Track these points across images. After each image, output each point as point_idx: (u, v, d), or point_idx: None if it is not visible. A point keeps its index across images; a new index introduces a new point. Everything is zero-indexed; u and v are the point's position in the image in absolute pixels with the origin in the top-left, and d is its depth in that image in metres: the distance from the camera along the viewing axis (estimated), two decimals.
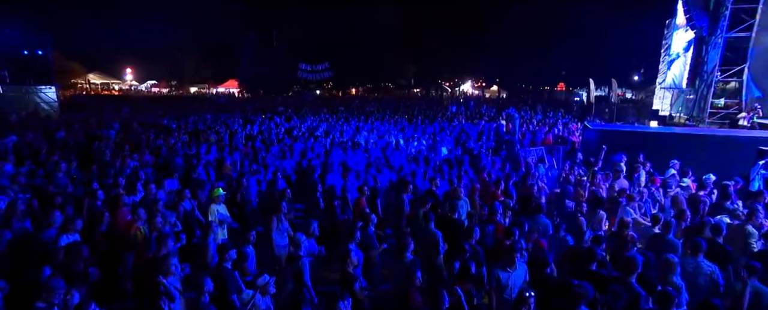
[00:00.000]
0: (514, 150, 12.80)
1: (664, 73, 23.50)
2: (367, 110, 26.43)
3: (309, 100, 41.54)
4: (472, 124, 19.78)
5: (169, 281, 3.93)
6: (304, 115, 22.14)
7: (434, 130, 16.08)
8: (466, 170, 9.12)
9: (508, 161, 10.74)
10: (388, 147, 12.18)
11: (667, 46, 23.24)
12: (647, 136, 11.46)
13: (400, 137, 14.34)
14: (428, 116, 22.31)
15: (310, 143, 12.47)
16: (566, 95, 54.24)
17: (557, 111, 27.64)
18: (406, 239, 4.98)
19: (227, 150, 11.14)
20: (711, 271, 4.66)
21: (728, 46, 16.21)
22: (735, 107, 16.35)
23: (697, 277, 4.72)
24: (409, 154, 11.56)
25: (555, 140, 15.53)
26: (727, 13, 15.90)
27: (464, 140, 14.16)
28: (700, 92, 17.94)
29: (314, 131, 15.54)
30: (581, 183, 7.95)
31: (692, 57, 19.08)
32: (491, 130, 17.05)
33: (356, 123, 18.35)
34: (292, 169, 9.83)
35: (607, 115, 28.16)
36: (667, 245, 5.31)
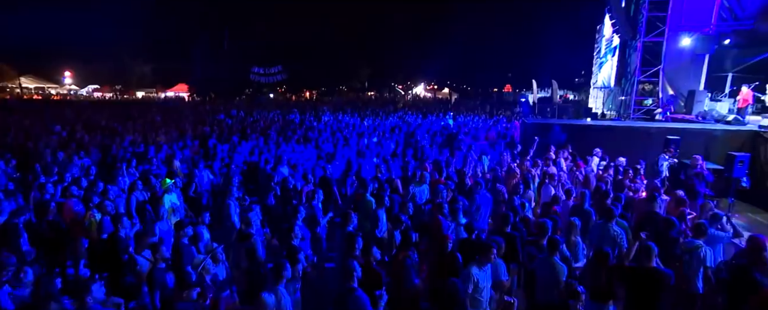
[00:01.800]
0: (456, 143, 13.68)
1: (596, 74, 25.46)
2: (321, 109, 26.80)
3: (262, 103, 41.21)
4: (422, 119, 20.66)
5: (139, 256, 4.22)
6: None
7: (385, 128, 16.73)
8: (408, 161, 9.74)
9: (451, 153, 11.52)
10: (339, 142, 12.64)
11: (598, 50, 25.21)
12: (576, 129, 12.61)
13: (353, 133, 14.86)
14: (379, 115, 22.98)
15: (262, 140, 12.72)
16: (513, 96, 56.85)
17: (503, 111, 29.12)
18: (350, 216, 5.46)
19: (179, 146, 11.20)
20: (615, 233, 5.50)
21: (646, 49, 17.94)
22: (652, 104, 18.10)
23: (604, 238, 5.55)
24: (359, 149, 12.06)
25: (499, 136, 16.61)
26: (644, 20, 17.62)
27: (413, 132, 14.90)
28: (626, 91, 19.67)
29: (267, 130, 15.75)
30: (511, 169, 8.80)
31: (618, 59, 20.90)
32: (438, 126, 17.94)
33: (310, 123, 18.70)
34: (244, 163, 10.08)
35: (549, 114, 29.93)
36: (581, 213, 6.13)
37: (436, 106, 38.60)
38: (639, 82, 18.31)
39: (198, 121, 18.59)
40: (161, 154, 10.71)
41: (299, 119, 19.88)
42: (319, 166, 9.02)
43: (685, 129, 11.56)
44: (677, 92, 17.53)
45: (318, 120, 20.23)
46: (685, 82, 17.51)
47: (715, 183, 9.20)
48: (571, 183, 8.16)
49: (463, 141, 14.20)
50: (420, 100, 52.77)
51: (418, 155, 11.23)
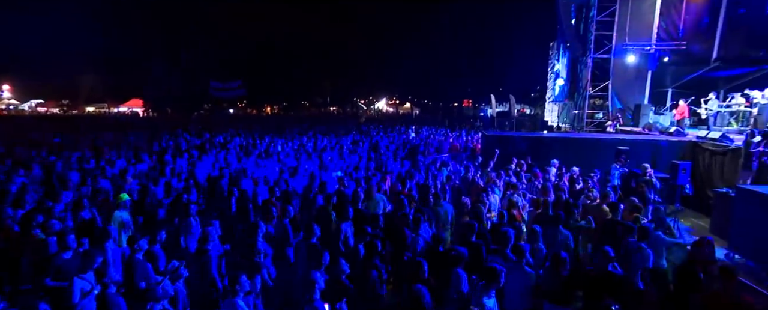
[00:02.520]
0: (417, 156, 13.84)
1: (551, 89, 26.56)
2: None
3: (222, 118, 40.23)
4: (384, 135, 20.76)
5: (81, 278, 3.92)
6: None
7: (347, 142, 16.70)
8: (374, 174, 9.72)
9: (413, 165, 11.61)
10: (302, 157, 12.47)
11: (552, 66, 26.37)
12: (534, 141, 13.04)
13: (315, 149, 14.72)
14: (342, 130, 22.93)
15: (222, 155, 12.37)
16: (473, 111, 58.42)
17: (464, 124, 29.78)
18: (312, 228, 5.35)
19: (133, 161, 10.70)
20: (565, 236, 5.69)
21: (595, 65, 18.97)
22: (603, 117, 19.07)
23: (555, 243, 5.72)
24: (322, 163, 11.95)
25: (460, 148, 16.93)
26: (592, 38, 18.68)
27: (376, 149, 14.94)
28: (578, 105, 20.62)
29: (226, 144, 15.33)
30: (476, 180, 8.95)
31: (569, 75, 21.93)
32: (400, 140, 18.09)
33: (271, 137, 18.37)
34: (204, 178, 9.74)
35: (507, 127, 30.90)
36: (545, 220, 6.29)
37: (399, 120, 39.02)
38: (590, 96, 19.26)
39: (154, 137, 17.85)
40: (114, 169, 10.19)
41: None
42: (282, 179, 8.84)
43: (633, 140, 12.19)
44: (625, 106, 18.55)
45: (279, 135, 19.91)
46: (631, 97, 18.59)
47: (661, 190, 9.76)
48: (530, 193, 8.39)
49: (425, 153, 14.38)
50: (382, 114, 53.14)
51: (382, 167, 11.24)
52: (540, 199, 7.17)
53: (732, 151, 10.24)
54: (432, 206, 6.76)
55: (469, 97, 61.42)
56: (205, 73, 54.91)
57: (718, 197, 9.28)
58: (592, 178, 8.79)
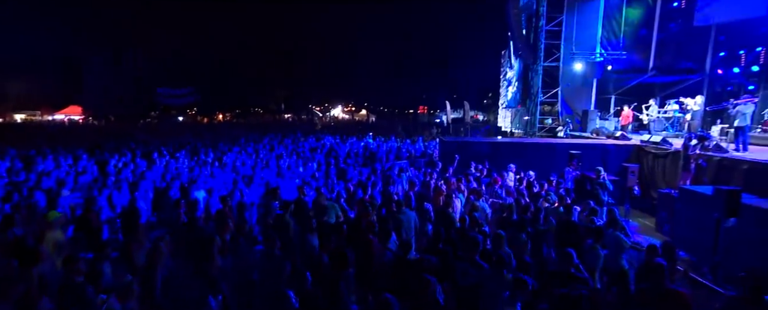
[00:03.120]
0: (375, 163, 13.77)
1: (504, 95, 27.39)
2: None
3: (171, 126, 38.45)
4: (341, 142, 20.53)
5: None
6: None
7: (304, 150, 16.35)
8: (334, 182, 9.51)
9: (373, 172, 11.50)
10: (257, 165, 12.04)
11: (504, 73, 27.21)
12: (491, 146, 13.31)
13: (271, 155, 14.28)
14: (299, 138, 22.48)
15: (172, 164, 11.71)
16: (428, 117, 59.31)
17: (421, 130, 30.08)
18: (273, 240, 5.09)
19: (73, 175, 9.87)
20: (525, 241, 5.77)
21: (545, 73, 19.75)
22: (554, 123, 19.85)
23: (520, 248, 5.78)
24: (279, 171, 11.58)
25: (418, 154, 17.01)
26: (542, 47, 19.46)
27: (334, 155, 14.73)
28: (530, 111, 21.34)
29: (176, 153, 14.56)
30: (439, 187, 8.96)
31: (521, 82, 22.71)
32: (359, 147, 17.95)
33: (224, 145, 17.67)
34: (151, 188, 9.14)
35: (462, 133, 31.57)
36: (509, 224, 6.33)
37: (356, 127, 38.88)
38: (541, 102, 20.01)
39: (95, 145, 16.68)
40: (50, 181, 9.34)
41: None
42: (237, 189, 8.44)
43: (585, 145, 12.70)
44: (574, 112, 19.40)
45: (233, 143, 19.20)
46: (579, 103, 19.49)
47: (613, 192, 10.22)
48: (490, 197, 8.50)
49: (384, 160, 14.31)
50: (338, 121, 52.81)
51: (344, 175, 11.04)
52: (502, 203, 7.25)
53: (672, 154, 10.89)
54: (395, 213, 6.65)
55: (425, 104, 62.41)
56: (152, 79, 52.40)
57: (661, 197, 9.82)
58: (551, 182, 9.04)
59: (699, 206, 7.71)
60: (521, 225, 5.79)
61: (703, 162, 9.14)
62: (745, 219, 6.74)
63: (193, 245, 5.87)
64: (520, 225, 5.83)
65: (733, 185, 8.56)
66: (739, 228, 6.79)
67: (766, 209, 6.59)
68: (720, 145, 9.62)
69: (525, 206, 6.91)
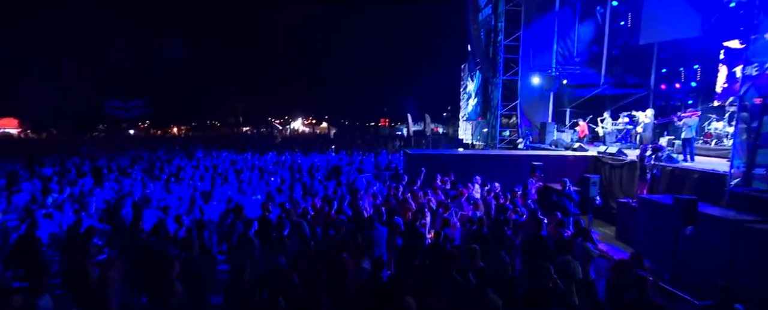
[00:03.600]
0: (340, 176, 13.53)
1: (464, 108, 27.89)
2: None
3: (121, 140, 36.44)
4: (303, 156, 20.12)
5: None
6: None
7: (266, 164, 15.85)
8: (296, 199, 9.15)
9: (339, 185, 11.24)
10: (216, 180, 11.49)
11: (465, 86, 27.76)
12: (455, 158, 13.39)
13: (230, 171, 13.70)
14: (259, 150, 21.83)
15: (124, 181, 10.95)
16: (389, 130, 59.58)
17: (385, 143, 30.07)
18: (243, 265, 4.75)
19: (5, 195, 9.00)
20: (502, 255, 5.71)
21: (505, 87, 20.30)
22: (514, 135, 20.36)
23: (496, 261, 5.71)
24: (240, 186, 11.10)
25: (381, 167, 16.90)
26: (501, 61, 20.03)
27: (297, 170, 14.36)
28: (490, 123, 21.83)
29: (126, 169, 13.69)
30: (407, 200, 8.84)
31: (482, 95, 23.23)
32: (322, 161, 17.62)
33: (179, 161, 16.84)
34: (102, 207, 8.46)
35: (424, 145, 31.79)
36: (481, 238, 6.26)
37: (317, 140, 38.39)
38: (501, 115, 20.50)
39: (33, 161, 15.41)
40: None
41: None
42: (196, 207, 7.96)
43: (546, 156, 13.02)
44: (532, 124, 19.98)
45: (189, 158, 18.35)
46: (537, 116, 20.10)
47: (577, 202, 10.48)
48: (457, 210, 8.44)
49: (349, 173, 14.08)
50: (298, 134, 52.06)
51: (308, 189, 10.71)
52: (471, 216, 7.20)
53: (628, 165, 11.33)
54: (366, 230, 6.44)
55: (386, 117, 62.69)
56: (99, 89, 49.54)
57: (620, 207, 10.16)
58: (516, 193, 9.13)
59: (658, 215, 8.01)
60: (495, 239, 5.72)
61: (658, 172, 9.54)
62: (700, 227, 7.04)
63: (149, 271, 5.42)
64: (494, 239, 5.76)
65: (685, 194, 8.99)
66: (695, 236, 7.07)
67: (718, 217, 6.89)
68: (671, 155, 10.10)
69: (495, 219, 6.88)
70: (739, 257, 6.32)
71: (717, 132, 13.07)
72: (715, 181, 8.62)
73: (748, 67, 7.18)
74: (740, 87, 7.25)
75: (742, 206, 7.12)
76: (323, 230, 6.67)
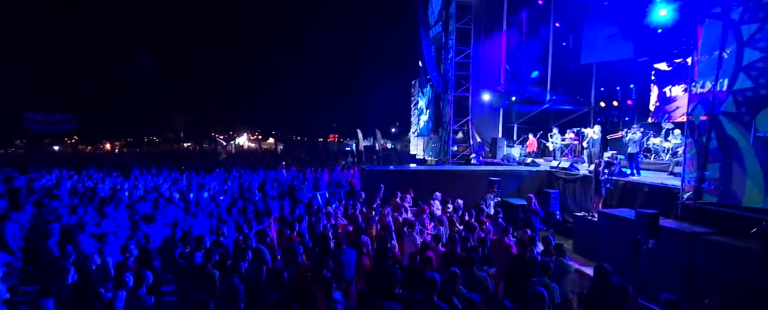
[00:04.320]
0: (295, 194, 12.92)
1: (415, 124, 28.08)
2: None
3: (43, 157, 33.11)
4: (252, 172, 19.18)
5: None
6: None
7: (214, 182, 14.86)
8: (249, 220, 8.48)
9: (295, 204, 10.66)
10: (159, 201, 10.50)
11: (416, 102, 28.00)
12: (414, 174, 13.23)
13: (173, 190, 12.66)
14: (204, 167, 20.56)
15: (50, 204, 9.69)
16: (338, 146, 58.99)
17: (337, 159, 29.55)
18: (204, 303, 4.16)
19: None
20: (481, 277, 5.48)
21: (456, 103, 20.63)
22: (466, 150, 20.65)
23: (473, 284, 5.47)
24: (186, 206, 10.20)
25: (335, 184, 16.42)
26: (452, 78, 20.37)
27: (247, 189, 13.57)
28: (443, 139, 22.04)
29: (53, 190, 12.24)
30: (371, 218, 8.46)
31: (433, 111, 23.48)
32: (272, 178, 16.84)
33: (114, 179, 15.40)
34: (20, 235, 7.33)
35: (375, 161, 31.61)
36: (457, 259, 5.99)
37: (265, 155, 37.10)
38: (453, 130, 20.75)
39: None
40: None
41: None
42: (140, 231, 7.10)
43: (502, 171, 13.17)
44: (483, 139, 20.39)
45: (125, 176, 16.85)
46: (488, 131, 20.55)
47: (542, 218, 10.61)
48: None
49: (303, 191, 13.49)
50: (244, 150, 50.13)
51: (261, 209, 10.02)
52: (441, 235, 6.95)
53: (581, 179, 11.70)
54: (333, 253, 5.98)
55: (336, 132, 62.10)
56: (18, 101, 45.00)
57: (577, 221, 10.39)
58: (481, 210, 9.02)
59: (618, 228, 8.20)
60: (469, 261, 5.45)
61: (611, 186, 9.86)
62: (659, 239, 7.25)
63: None
64: (468, 261, 5.49)
65: (637, 207, 9.34)
66: (655, 248, 7.28)
67: (676, 229, 7.12)
68: (622, 170, 10.51)
69: (465, 238, 6.67)
70: (698, 269, 6.52)
71: (655, 147, 13.89)
72: (665, 194, 9.03)
73: (694, 85, 7.59)
74: (688, 105, 7.63)
75: (694, 219, 7.42)
76: (285, 255, 6.12)
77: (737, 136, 6.71)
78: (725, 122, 6.91)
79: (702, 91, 7.41)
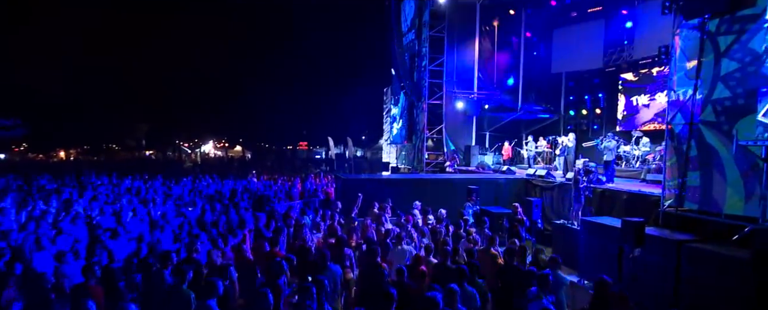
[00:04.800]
0: (269, 205, 12.39)
1: (388, 131, 27.90)
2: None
3: None
4: (221, 181, 18.43)
5: None
6: None
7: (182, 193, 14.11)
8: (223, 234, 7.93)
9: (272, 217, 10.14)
10: (123, 214, 9.78)
11: (388, 110, 27.85)
12: (392, 183, 12.97)
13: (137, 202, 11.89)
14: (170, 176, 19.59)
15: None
16: (307, 154, 58.12)
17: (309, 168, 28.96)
18: None
19: None
20: (471, 292, 5.25)
21: (430, 111, 20.59)
22: (440, 158, 20.61)
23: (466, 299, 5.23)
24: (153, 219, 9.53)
25: (309, 193, 15.92)
26: (426, 85, 20.35)
27: (217, 199, 12.93)
28: (416, 147, 21.93)
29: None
30: (352, 229, 8.12)
31: (406, 118, 23.37)
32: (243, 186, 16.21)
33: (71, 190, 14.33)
34: None
35: (347, 169, 31.19)
36: (451, 273, 5.72)
37: (232, 164, 35.99)
38: (427, 138, 20.69)
39: None
40: None
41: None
42: (101, 248, 6.48)
43: (479, 179, 13.12)
44: (457, 147, 20.41)
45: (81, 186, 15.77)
46: (461, 139, 20.60)
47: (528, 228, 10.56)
48: None
49: (280, 202, 12.99)
50: (210, 158, 48.56)
51: (234, 221, 9.49)
52: (430, 248, 6.67)
53: (558, 187, 11.77)
54: (321, 271, 5.60)
55: (305, 140, 61.10)
56: None
57: (556, 229, 10.39)
58: (466, 220, 8.83)
59: (601, 237, 8.20)
60: (461, 276, 5.18)
61: (590, 193, 9.92)
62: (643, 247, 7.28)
63: None
64: (460, 276, 5.21)
65: (616, 214, 9.43)
66: (640, 256, 7.30)
67: (661, 237, 7.15)
68: (599, 177, 10.63)
69: (455, 250, 6.43)
70: (685, 277, 6.54)
71: (625, 155, 14.22)
72: (643, 202, 9.15)
73: (672, 93, 7.71)
74: (668, 112, 7.74)
75: (675, 226, 7.49)
76: (267, 273, 5.69)
77: (717, 144, 6.82)
78: (705, 131, 7.02)
79: (681, 99, 7.52)
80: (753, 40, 6.36)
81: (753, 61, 6.36)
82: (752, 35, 6.37)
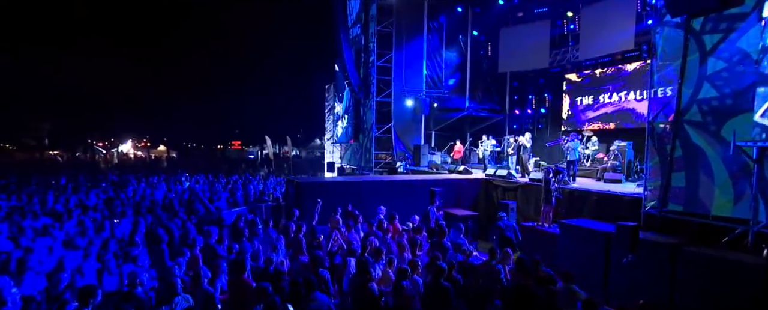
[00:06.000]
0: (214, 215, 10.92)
1: (331, 130, 26.72)
2: None
3: None
4: (146, 185, 16.28)
5: None
6: None
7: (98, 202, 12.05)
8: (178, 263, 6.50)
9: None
10: (26, 232, 7.89)
11: (331, 107, 26.68)
12: (353, 187, 11.97)
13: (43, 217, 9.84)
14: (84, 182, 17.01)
15: None
16: (238, 153, 55.01)
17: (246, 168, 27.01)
18: None
19: None
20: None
21: (378, 108, 19.83)
22: (390, 158, 19.93)
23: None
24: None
25: (255, 198, 14.47)
26: (374, 82, 19.56)
27: (148, 207, 11.17)
28: (364, 146, 21.07)
29: None
30: (321, 243, 7.11)
31: (352, 116, 22.42)
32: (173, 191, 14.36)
33: None
34: None
35: (286, 169, 29.59)
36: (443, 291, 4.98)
37: (155, 165, 32.75)
38: (376, 137, 19.90)
39: None
40: None
41: None
42: None
43: (440, 180, 12.57)
44: (406, 147, 19.85)
45: None
46: (410, 138, 20.08)
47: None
48: None
49: (224, 210, 11.50)
50: (129, 159, 44.04)
51: (177, 236, 8.01)
52: (416, 262, 5.87)
53: (521, 187, 11.52)
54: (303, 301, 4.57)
55: (238, 139, 57.63)
56: None
57: (526, 232, 10.06)
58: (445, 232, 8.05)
59: (581, 240, 7.91)
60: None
61: (560, 194, 9.71)
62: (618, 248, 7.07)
63: None
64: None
65: (586, 215, 9.29)
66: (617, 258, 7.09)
67: (650, 240, 6.93)
68: (566, 178, 10.49)
69: (450, 264, 5.67)
70: (678, 281, 6.34)
71: None
72: (614, 202, 9.06)
73: (653, 92, 7.57)
74: (650, 111, 7.59)
75: (658, 228, 7.34)
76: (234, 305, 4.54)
77: (704, 144, 6.72)
78: (690, 131, 6.90)
79: (662, 97, 7.39)
80: (742, 38, 6.28)
81: (742, 60, 6.28)
82: (741, 34, 6.29)
